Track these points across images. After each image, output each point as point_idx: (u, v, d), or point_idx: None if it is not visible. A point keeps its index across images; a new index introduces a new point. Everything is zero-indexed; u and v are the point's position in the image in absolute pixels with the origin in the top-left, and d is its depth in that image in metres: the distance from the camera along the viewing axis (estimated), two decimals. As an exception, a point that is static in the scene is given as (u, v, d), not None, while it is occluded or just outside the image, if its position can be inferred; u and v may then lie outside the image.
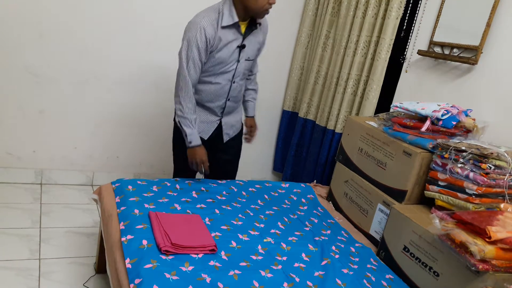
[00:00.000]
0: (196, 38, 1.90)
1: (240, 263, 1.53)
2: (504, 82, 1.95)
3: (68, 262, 2.15)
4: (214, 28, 1.92)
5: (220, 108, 2.14)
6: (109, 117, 2.96)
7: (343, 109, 2.77)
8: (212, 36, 1.91)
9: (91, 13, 2.69)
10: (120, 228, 1.64)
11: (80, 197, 2.83)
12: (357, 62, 2.69)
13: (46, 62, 2.69)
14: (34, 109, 2.77)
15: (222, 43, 1.95)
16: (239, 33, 1.99)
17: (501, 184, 1.59)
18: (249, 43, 2.04)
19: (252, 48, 2.07)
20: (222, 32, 1.94)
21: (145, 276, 1.35)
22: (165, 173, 3.22)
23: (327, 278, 1.56)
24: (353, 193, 2.18)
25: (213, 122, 2.16)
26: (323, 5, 3.06)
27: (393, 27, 2.48)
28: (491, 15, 1.98)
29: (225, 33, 1.95)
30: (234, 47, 1.99)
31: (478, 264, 1.37)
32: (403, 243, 1.73)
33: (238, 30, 1.98)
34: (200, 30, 1.90)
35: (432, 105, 1.88)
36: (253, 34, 2.04)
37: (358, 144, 2.19)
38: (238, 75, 2.07)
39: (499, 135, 1.88)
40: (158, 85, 3.00)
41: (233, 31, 1.97)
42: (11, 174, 2.82)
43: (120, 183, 1.98)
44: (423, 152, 1.82)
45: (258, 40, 2.10)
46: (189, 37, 1.92)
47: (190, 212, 1.82)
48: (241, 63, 2.05)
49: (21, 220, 2.43)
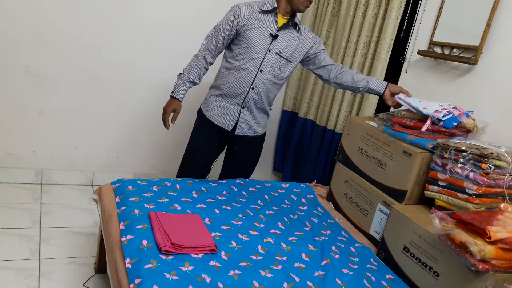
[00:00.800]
0: (229, 13, 2.12)
1: (240, 263, 1.53)
2: (504, 82, 1.95)
3: (68, 262, 2.15)
4: (250, 9, 2.09)
5: (242, 97, 2.16)
6: (109, 117, 2.96)
7: (343, 109, 2.77)
8: (244, 15, 2.08)
9: (91, 13, 2.69)
10: (120, 228, 1.64)
11: (80, 197, 2.83)
12: (357, 62, 2.69)
13: (46, 62, 2.69)
14: (34, 109, 2.77)
15: (256, 24, 2.08)
16: (275, 23, 2.10)
17: (501, 184, 1.59)
18: (283, 37, 2.12)
19: (287, 45, 2.13)
20: (260, 16, 2.09)
21: (145, 276, 1.35)
22: (165, 173, 3.22)
23: (327, 278, 1.55)
24: (353, 193, 2.18)
25: (234, 112, 2.20)
26: (323, 5, 3.07)
27: (393, 27, 2.48)
28: (491, 15, 1.98)
29: (262, 17, 2.09)
30: (267, 34, 2.09)
31: (478, 264, 1.36)
32: (403, 243, 1.73)
33: (275, 20, 2.10)
34: (235, 7, 2.11)
35: (434, 105, 1.87)
36: (288, 31, 2.13)
37: (358, 144, 2.19)
38: (266, 65, 2.11)
39: (499, 135, 1.88)
40: (158, 85, 3.00)
41: (270, 19, 2.10)
42: (11, 174, 2.82)
43: (120, 183, 1.98)
44: (423, 152, 1.82)
45: (295, 41, 2.15)
46: (226, 14, 2.13)
47: (190, 212, 1.82)
48: (271, 54, 2.11)
49: (21, 220, 2.43)
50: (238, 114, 2.20)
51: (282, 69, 2.17)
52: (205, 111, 2.25)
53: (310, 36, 2.22)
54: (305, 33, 2.20)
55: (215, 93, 2.22)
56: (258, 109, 2.24)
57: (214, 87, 2.24)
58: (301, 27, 2.18)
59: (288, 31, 2.14)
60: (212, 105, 2.23)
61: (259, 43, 2.09)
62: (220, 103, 2.20)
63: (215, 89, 2.23)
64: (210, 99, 2.24)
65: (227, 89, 2.16)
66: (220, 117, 2.21)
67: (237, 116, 2.20)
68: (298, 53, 2.19)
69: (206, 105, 2.26)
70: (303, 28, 2.20)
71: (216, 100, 2.21)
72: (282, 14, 2.12)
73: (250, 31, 2.07)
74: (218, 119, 2.21)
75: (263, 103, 2.23)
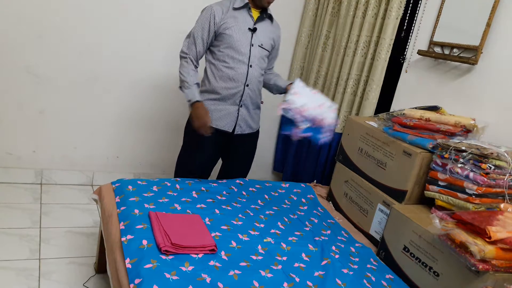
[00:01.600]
0: (202, 17, 2.11)
1: (240, 263, 1.53)
2: (504, 82, 1.95)
3: (68, 262, 2.15)
4: (223, 8, 2.11)
5: (239, 96, 2.17)
6: (109, 117, 2.96)
7: (343, 109, 2.77)
8: (219, 14, 2.09)
9: (90, 13, 2.69)
10: (120, 228, 1.64)
11: (80, 197, 2.83)
12: (357, 62, 2.69)
13: (46, 62, 2.69)
14: (34, 109, 2.77)
15: (233, 22, 2.10)
16: (251, 17, 2.15)
17: (501, 184, 1.59)
18: (260, 29, 2.17)
19: (265, 36, 2.19)
20: (234, 13, 2.12)
21: (145, 276, 1.35)
22: (165, 173, 3.22)
23: (327, 278, 1.55)
24: (353, 193, 2.18)
25: (233, 112, 2.20)
26: (323, 5, 3.06)
27: (393, 27, 2.48)
28: (491, 15, 1.98)
29: (237, 14, 2.12)
30: (246, 29, 2.13)
31: (478, 264, 1.37)
32: (403, 243, 1.73)
33: (249, 14, 2.15)
34: (207, 9, 2.11)
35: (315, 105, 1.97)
36: (264, 23, 2.20)
37: (358, 144, 2.19)
38: (253, 60, 2.15)
39: (499, 135, 1.88)
40: (158, 85, 3.00)
41: (245, 15, 2.14)
42: (11, 174, 2.82)
43: (120, 183, 1.98)
44: (423, 152, 1.82)
45: (270, 32, 2.23)
46: (199, 17, 2.13)
47: (190, 212, 1.82)
48: (254, 47, 2.15)
49: (21, 220, 2.43)
50: (237, 114, 2.20)
51: (265, 60, 2.25)
52: None
53: (277, 34, 2.30)
54: (275, 26, 2.28)
55: (210, 97, 2.18)
56: (253, 105, 2.26)
57: (207, 92, 2.19)
58: (274, 20, 2.26)
59: (264, 22, 2.20)
60: (208, 109, 2.18)
61: (241, 40, 2.11)
62: (216, 106, 2.18)
63: (209, 94, 2.19)
64: (204, 103, 2.18)
65: (223, 91, 2.15)
66: (219, 121, 2.20)
67: (236, 115, 2.21)
68: (273, 41, 2.26)
69: None
70: (276, 22, 2.28)
71: (212, 104, 2.18)
72: (254, 7, 2.16)
73: (229, 30, 2.09)
74: (218, 123, 2.20)
75: (257, 98, 2.27)
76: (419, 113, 1.94)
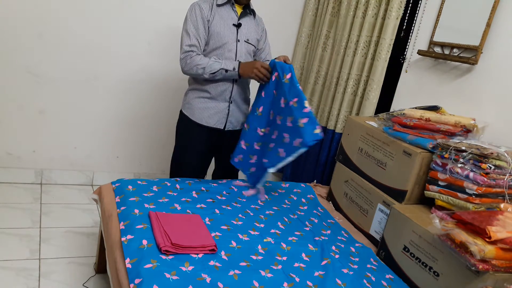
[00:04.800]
0: (190, 14, 2.10)
1: (240, 263, 1.53)
2: (504, 82, 1.95)
3: (68, 262, 2.15)
4: (208, 5, 2.11)
5: (228, 92, 2.17)
6: (109, 117, 2.97)
7: (343, 109, 2.77)
8: (206, 11, 2.09)
9: (91, 13, 2.69)
10: (120, 228, 1.64)
11: (80, 197, 2.83)
12: (357, 62, 2.69)
13: (46, 62, 2.69)
14: (34, 109, 2.77)
15: (218, 17, 2.11)
16: (235, 13, 2.15)
17: (501, 184, 1.59)
18: (245, 24, 2.18)
19: (250, 31, 2.20)
20: (218, 10, 2.12)
21: (145, 276, 1.35)
22: (165, 173, 3.22)
23: (327, 278, 1.55)
24: (353, 193, 2.18)
25: (223, 109, 2.20)
26: (323, 5, 3.07)
27: (393, 27, 2.48)
28: (491, 15, 1.98)
29: (221, 10, 2.13)
30: (231, 24, 2.13)
31: (478, 264, 1.37)
32: (403, 243, 1.73)
33: (233, 9, 2.15)
34: (194, 6, 2.11)
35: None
36: (248, 19, 2.21)
37: (358, 144, 2.19)
38: (240, 55, 2.15)
39: (499, 135, 1.88)
40: (158, 84, 3.00)
41: (229, 10, 2.14)
42: (11, 174, 2.82)
43: (120, 183, 1.98)
44: (423, 152, 1.82)
45: (255, 26, 2.24)
46: (186, 16, 2.12)
47: (190, 212, 1.82)
48: (241, 43, 2.15)
49: (21, 220, 2.43)
50: (227, 110, 2.21)
51: (252, 55, 2.25)
52: (191, 116, 2.20)
53: (261, 27, 2.30)
54: (258, 20, 2.28)
55: (199, 95, 2.18)
56: (242, 101, 2.26)
57: (197, 90, 2.19)
58: (257, 14, 2.27)
59: (248, 18, 2.21)
60: (198, 107, 2.18)
61: (227, 36, 2.12)
62: (206, 104, 2.18)
63: (198, 92, 2.18)
64: (193, 102, 2.20)
65: (212, 89, 2.15)
66: (210, 118, 2.19)
67: (226, 112, 2.21)
68: (258, 36, 2.27)
69: (190, 109, 2.21)
70: (258, 16, 2.29)
71: (202, 102, 2.18)
72: (237, 3, 2.17)
73: (215, 26, 2.10)
74: (210, 120, 2.19)
75: (246, 93, 2.28)
76: (419, 113, 1.94)
